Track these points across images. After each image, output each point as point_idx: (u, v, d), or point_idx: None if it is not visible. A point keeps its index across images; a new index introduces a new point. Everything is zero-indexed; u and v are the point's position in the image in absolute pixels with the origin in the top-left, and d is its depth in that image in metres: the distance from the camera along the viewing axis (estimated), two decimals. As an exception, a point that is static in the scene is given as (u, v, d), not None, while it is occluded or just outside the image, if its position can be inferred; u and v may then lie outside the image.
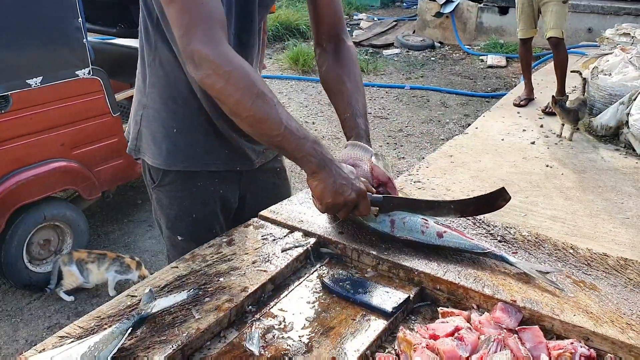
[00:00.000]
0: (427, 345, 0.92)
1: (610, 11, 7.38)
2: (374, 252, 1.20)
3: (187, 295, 1.06)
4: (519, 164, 3.99)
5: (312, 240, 1.26)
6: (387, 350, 0.99)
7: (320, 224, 1.32)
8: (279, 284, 1.16)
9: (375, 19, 9.90)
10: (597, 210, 3.33)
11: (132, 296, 1.07)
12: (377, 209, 1.23)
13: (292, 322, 1.04)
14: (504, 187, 1.24)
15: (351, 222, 1.32)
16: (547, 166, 3.94)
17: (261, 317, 1.05)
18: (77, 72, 2.84)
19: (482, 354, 0.90)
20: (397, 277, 1.17)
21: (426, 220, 1.23)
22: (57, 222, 2.96)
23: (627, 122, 4.21)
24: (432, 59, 7.75)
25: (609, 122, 4.37)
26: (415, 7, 9.64)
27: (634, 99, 4.21)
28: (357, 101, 1.41)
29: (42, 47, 2.70)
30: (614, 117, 4.35)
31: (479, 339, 0.94)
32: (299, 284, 1.16)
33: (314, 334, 1.00)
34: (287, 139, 1.14)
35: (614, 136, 4.39)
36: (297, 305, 1.09)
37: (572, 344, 0.93)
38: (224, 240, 1.28)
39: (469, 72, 7.11)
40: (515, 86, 6.11)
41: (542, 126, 4.68)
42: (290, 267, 1.19)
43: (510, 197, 1.24)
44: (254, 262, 1.18)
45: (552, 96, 4.47)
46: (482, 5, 8.30)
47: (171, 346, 0.94)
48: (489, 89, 6.46)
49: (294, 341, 0.99)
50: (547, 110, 4.88)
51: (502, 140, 4.42)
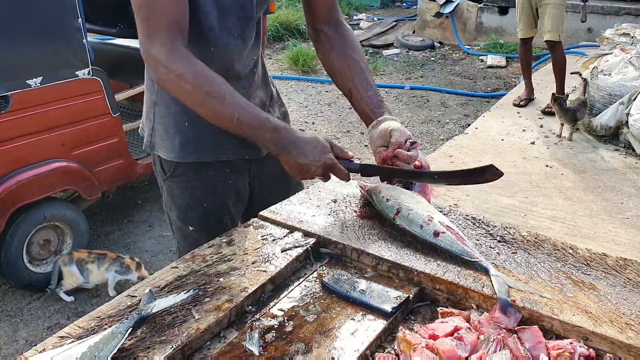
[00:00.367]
0: (426, 345, 0.93)
1: (610, 11, 7.38)
2: (374, 252, 1.20)
3: (187, 295, 1.06)
4: (519, 164, 3.99)
5: (312, 240, 1.26)
6: (386, 350, 0.99)
7: (320, 224, 1.32)
8: (278, 284, 1.16)
9: (375, 19, 9.89)
10: (597, 210, 3.34)
11: (132, 296, 1.07)
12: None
13: (291, 322, 1.04)
14: (492, 164, 1.27)
15: (351, 223, 1.32)
16: (547, 166, 3.94)
17: (261, 317, 1.06)
18: (77, 73, 2.84)
19: (482, 353, 0.90)
20: (397, 277, 1.17)
21: (431, 218, 1.23)
22: (57, 223, 2.96)
23: (626, 122, 4.22)
24: (432, 59, 7.75)
25: (609, 122, 4.38)
26: (415, 7, 9.63)
27: (634, 99, 4.21)
28: (373, 80, 1.48)
29: (42, 47, 2.70)
30: (613, 117, 4.35)
31: (478, 338, 0.94)
32: (299, 284, 1.16)
33: (313, 334, 1.00)
34: (242, 129, 1.26)
35: (613, 136, 4.40)
36: (297, 305, 1.09)
37: (571, 343, 0.93)
38: (224, 240, 1.28)
39: (468, 72, 7.11)
40: (515, 86, 6.11)
41: (542, 126, 4.69)
42: (290, 268, 1.19)
43: (502, 173, 1.27)
44: (253, 263, 1.19)
45: (553, 93, 4.47)
46: (482, 5, 8.30)
47: (171, 346, 0.94)
48: (489, 89, 6.46)
49: (294, 341, 0.99)
50: (546, 110, 4.88)
51: (502, 140, 4.42)
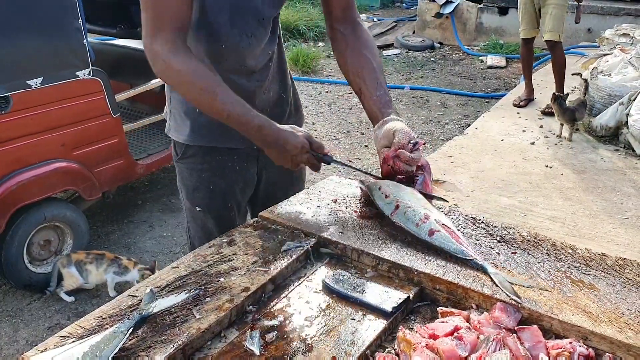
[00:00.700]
0: (426, 344, 0.93)
1: (609, 12, 7.39)
2: (374, 253, 1.21)
3: (187, 295, 1.06)
4: (519, 164, 4.00)
5: (312, 240, 1.27)
6: (386, 349, 1.00)
7: (320, 224, 1.33)
8: (279, 284, 1.16)
9: (375, 19, 9.89)
10: (597, 210, 3.34)
11: (133, 296, 1.08)
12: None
13: (292, 322, 1.04)
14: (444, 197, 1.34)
15: (352, 223, 1.33)
16: (547, 166, 3.95)
17: (261, 317, 1.06)
18: (77, 73, 2.85)
19: (481, 353, 0.91)
20: (397, 277, 1.17)
21: (428, 216, 1.24)
22: (57, 223, 2.96)
23: (626, 122, 4.22)
24: (432, 59, 7.75)
25: (609, 122, 4.38)
26: (415, 7, 9.63)
27: (634, 100, 4.21)
28: (384, 80, 1.53)
29: (43, 47, 2.71)
30: (613, 118, 4.35)
31: (478, 338, 0.95)
32: (299, 284, 1.17)
33: (314, 334, 1.01)
34: (232, 124, 1.36)
35: (613, 136, 4.40)
36: (298, 305, 1.10)
37: (570, 343, 0.93)
38: (225, 240, 1.29)
39: (468, 72, 7.11)
40: (515, 87, 6.11)
41: (541, 127, 4.69)
42: (290, 268, 1.20)
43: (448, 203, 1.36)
44: (254, 262, 1.19)
45: (553, 92, 4.47)
46: (482, 5, 8.30)
47: (172, 346, 0.94)
48: (489, 90, 6.46)
49: (294, 341, 0.99)
50: (546, 110, 4.88)
51: (502, 140, 4.43)
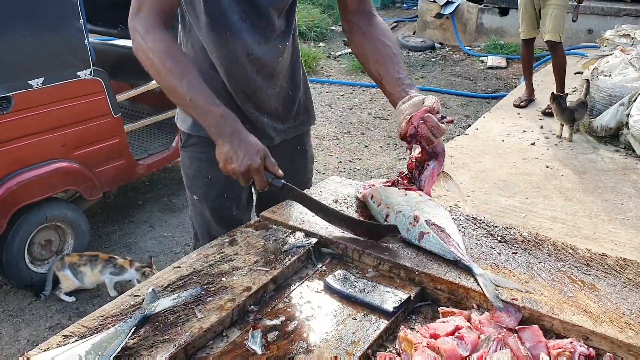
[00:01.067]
0: (427, 344, 0.93)
1: (610, 12, 7.39)
2: (375, 253, 1.21)
3: (189, 294, 1.07)
4: (519, 164, 4.00)
5: (314, 240, 1.27)
6: (388, 349, 1.00)
7: (321, 224, 1.33)
8: (280, 284, 1.17)
9: (375, 19, 9.89)
10: (597, 211, 3.34)
11: (136, 296, 1.08)
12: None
13: (293, 322, 1.05)
14: (396, 225, 1.25)
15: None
16: (547, 167, 3.95)
17: (263, 317, 1.06)
18: (78, 73, 2.85)
19: (482, 353, 0.91)
20: (398, 277, 1.18)
21: (418, 217, 1.24)
22: (58, 223, 2.96)
23: (627, 123, 4.22)
24: (433, 60, 7.75)
25: (609, 123, 4.38)
26: (415, 8, 9.64)
27: (634, 100, 4.22)
28: (404, 66, 1.52)
29: (44, 48, 2.71)
30: (614, 118, 4.36)
31: (479, 338, 0.95)
32: (301, 283, 1.17)
33: (315, 334, 1.01)
34: (193, 109, 1.32)
35: (614, 137, 4.40)
36: (299, 305, 1.10)
37: (571, 343, 0.94)
38: (226, 240, 1.29)
39: (469, 73, 7.11)
40: (515, 87, 6.11)
41: (542, 127, 4.69)
42: (291, 267, 1.20)
43: (400, 235, 1.25)
44: (255, 262, 1.19)
45: (552, 92, 4.47)
46: (482, 6, 8.30)
47: (174, 345, 0.95)
48: (489, 90, 6.46)
49: (296, 340, 1.00)
50: (547, 111, 4.89)
51: (503, 141, 4.43)
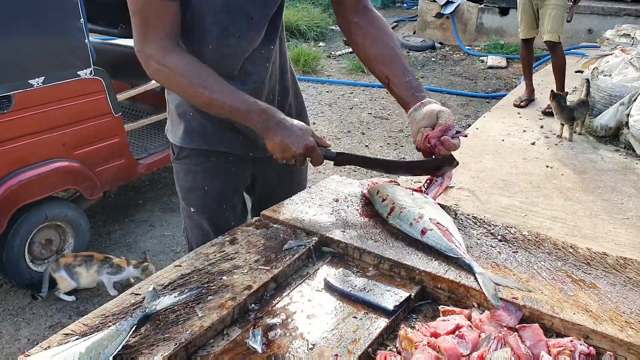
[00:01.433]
0: (428, 343, 0.93)
1: (610, 12, 7.39)
2: (375, 251, 1.21)
3: (190, 293, 1.07)
4: (519, 164, 4.00)
5: (314, 239, 1.27)
6: (388, 348, 1.00)
7: (322, 223, 1.33)
8: (281, 283, 1.17)
9: (375, 19, 9.89)
10: (597, 210, 3.34)
11: (136, 294, 1.08)
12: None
13: (294, 320, 1.05)
14: (451, 154, 1.36)
15: (353, 222, 1.33)
16: (548, 167, 3.95)
17: (264, 315, 1.06)
18: (78, 73, 2.85)
19: (483, 351, 0.91)
20: (399, 276, 1.18)
21: (422, 215, 1.26)
22: (58, 222, 2.97)
23: (627, 122, 4.22)
24: (433, 59, 7.75)
25: (609, 122, 4.38)
26: (415, 7, 9.64)
27: (634, 100, 4.21)
28: (409, 65, 1.51)
29: (44, 47, 2.71)
30: (614, 118, 4.35)
31: (479, 336, 0.95)
32: (301, 282, 1.17)
33: (316, 332, 1.01)
34: (234, 114, 1.36)
35: (614, 137, 4.40)
36: (299, 303, 1.10)
37: (571, 342, 0.94)
38: (227, 239, 1.29)
39: (469, 72, 7.11)
40: (515, 87, 6.11)
41: (542, 127, 4.69)
42: (292, 266, 1.20)
43: (457, 163, 1.39)
44: (256, 261, 1.19)
45: (552, 90, 4.47)
46: (482, 6, 8.31)
47: (175, 344, 0.95)
48: (490, 90, 6.46)
49: (296, 339, 1.00)
50: (547, 111, 4.88)
51: (503, 140, 4.43)
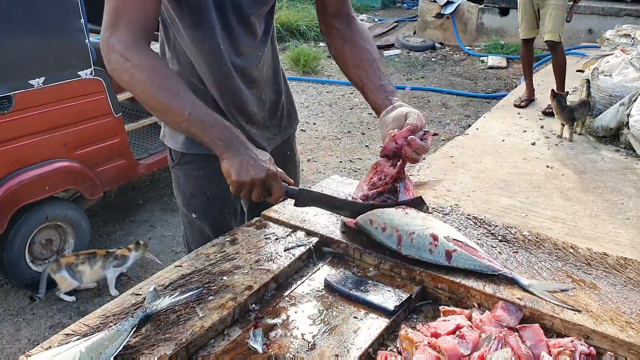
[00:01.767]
0: (428, 343, 0.93)
1: (610, 12, 7.39)
2: (376, 252, 1.21)
3: (191, 293, 1.07)
4: (520, 164, 4.00)
5: (315, 239, 1.27)
6: (389, 348, 1.00)
7: (322, 223, 1.33)
8: (281, 283, 1.17)
9: (375, 19, 9.90)
10: (598, 210, 3.34)
11: (137, 294, 1.08)
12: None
13: (295, 321, 1.05)
14: (421, 197, 1.29)
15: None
16: (548, 167, 3.95)
17: (264, 316, 1.07)
18: (79, 73, 2.85)
19: (483, 351, 0.91)
20: (399, 276, 1.18)
21: (436, 236, 1.16)
22: (59, 222, 2.97)
23: (627, 123, 4.22)
24: (433, 59, 7.75)
25: (610, 123, 4.38)
26: (415, 8, 9.64)
27: (634, 100, 4.21)
28: (386, 70, 1.50)
29: (45, 47, 2.71)
30: (614, 118, 4.35)
31: (480, 337, 0.95)
32: (302, 282, 1.17)
33: (316, 332, 1.01)
34: (193, 124, 1.22)
35: (614, 137, 4.40)
36: (300, 303, 1.10)
37: (572, 342, 0.94)
38: (227, 239, 1.29)
39: (469, 73, 7.11)
40: (515, 87, 6.11)
41: (542, 127, 4.69)
42: (293, 266, 1.20)
43: (427, 207, 1.30)
44: (257, 261, 1.19)
45: (552, 90, 4.47)
46: (482, 6, 8.30)
47: (175, 344, 0.95)
48: (490, 90, 6.46)
49: (297, 339, 1.00)
50: (547, 111, 4.89)
51: (503, 141, 4.43)
